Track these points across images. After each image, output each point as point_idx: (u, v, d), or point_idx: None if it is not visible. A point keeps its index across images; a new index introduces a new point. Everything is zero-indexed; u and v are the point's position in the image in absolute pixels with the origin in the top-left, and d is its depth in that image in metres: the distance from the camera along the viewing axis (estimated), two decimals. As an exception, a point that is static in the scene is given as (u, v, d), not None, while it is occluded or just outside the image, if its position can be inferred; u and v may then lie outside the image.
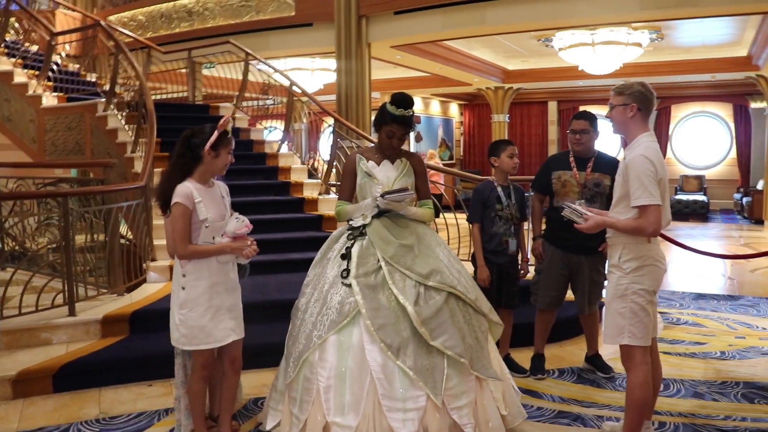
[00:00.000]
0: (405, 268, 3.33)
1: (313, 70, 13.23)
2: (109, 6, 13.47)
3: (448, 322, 3.25)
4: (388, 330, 3.17)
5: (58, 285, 5.17)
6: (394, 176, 3.62)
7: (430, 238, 3.60)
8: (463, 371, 3.24)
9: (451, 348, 3.20)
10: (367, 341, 3.19)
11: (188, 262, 3.31)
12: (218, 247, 3.33)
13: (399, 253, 3.37)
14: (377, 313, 3.21)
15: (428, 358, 3.18)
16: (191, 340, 3.32)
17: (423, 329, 3.17)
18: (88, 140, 8.18)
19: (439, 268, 3.37)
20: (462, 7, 9.13)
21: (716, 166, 17.59)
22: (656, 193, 3.13)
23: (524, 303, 4.92)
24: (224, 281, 3.40)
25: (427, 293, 3.29)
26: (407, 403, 3.11)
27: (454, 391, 3.19)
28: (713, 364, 4.97)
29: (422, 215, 3.68)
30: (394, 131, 3.56)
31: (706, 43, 12.20)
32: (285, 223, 7.09)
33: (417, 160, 3.77)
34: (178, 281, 3.34)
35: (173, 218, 3.26)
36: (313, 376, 3.26)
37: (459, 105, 20.43)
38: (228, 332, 3.39)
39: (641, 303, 3.23)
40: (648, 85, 3.36)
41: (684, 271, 8.97)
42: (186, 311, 3.29)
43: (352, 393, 3.16)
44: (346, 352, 3.21)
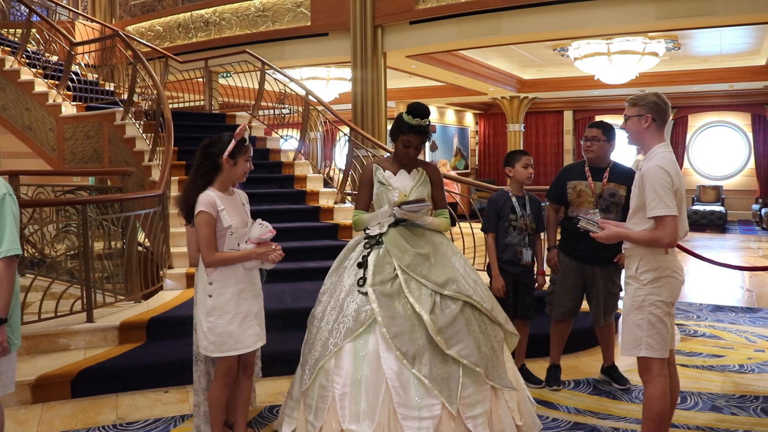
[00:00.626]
0: (421, 276, 3.33)
1: (328, 80, 13.30)
2: (127, 16, 13.64)
3: (464, 331, 3.25)
4: (403, 338, 3.18)
5: (76, 291, 5.22)
6: (410, 186, 3.64)
7: (446, 247, 3.60)
8: (479, 380, 3.24)
9: (467, 357, 3.20)
10: (383, 349, 3.19)
11: (214, 270, 3.33)
12: (244, 254, 3.36)
13: (415, 262, 3.38)
14: (393, 321, 3.22)
15: (444, 366, 3.18)
16: (220, 347, 3.34)
17: (439, 338, 3.18)
18: (107, 148, 8.27)
19: (455, 278, 3.38)
20: (477, 17, 9.14)
21: (734, 176, 17.44)
22: (672, 204, 3.11)
23: (540, 313, 4.90)
24: (251, 287, 3.45)
25: (443, 302, 3.29)
26: (422, 411, 3.11)
27: (469, 400, 3.19)
28: (732, 378, 4.92)
29: (438, 225, 3.69)
30: (411, 141, 3.59)
31: (724, 53, 12.12)
32: (301, 231, 7.11)
33: (433, 170, 3.80)
34: (205, 289, 3.36)
35: (198, 227, 3.29)
36: (328, 384, 3.27)
37: (474, 114, 20.43)
38: (256, 338, 3.45)
39: (659, 315, 3.21)
40: (663, 95, 3.35)
41: (701, 283, 8.89)
42: (214, 318, 3.32)
43: (368, 401, 3.16)
44: (361, 359, 3.21)
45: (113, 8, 13.83)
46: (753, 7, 7.74)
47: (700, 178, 17.55)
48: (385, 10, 9.88)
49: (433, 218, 3.71)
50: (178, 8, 12.55)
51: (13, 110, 9.39)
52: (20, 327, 2.98)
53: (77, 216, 5.63)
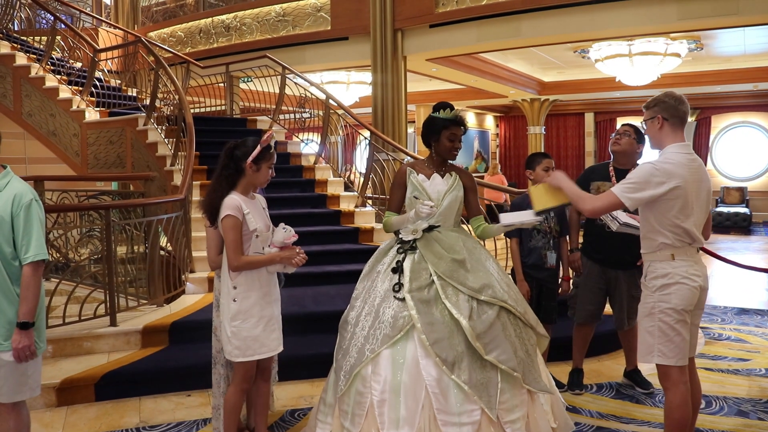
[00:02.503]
0: (458, 282, 3.32)
1: (348, 83, 13.33)
2: (149, 23, 13.79)
3: (501, 336, 3.26)
4: (443, 344, 3.17)
5: (99, 296, 5.28)
6: (444, 190, 3.63)
7: (479, 252, 3.59)
8: (516, 385, 3.24)
9: (505, 362, 3.20)
10: (421, 355, 3.19)
11: (239, 274, 3.34)
12: (269, 257, 3.37)
13: (451, 268, 3.37)
14: (432, 328, 3.21)
15: (482, 372, 3.18)
16: (245, 351, 3.35)
17: (477, 344, 3.18)
18: (129, 154, 8.37)
19: (491, 283, 3.38)
20: (497, 20, 9.12)
21: (759, 177, 17.17)
22: (631, 193, 3.10)
23: (562, 317, 4.86)
24: (273, 291, 3.48)
25: (479, 308, 3.29)
26: (462, 417, 3.11)
27: (507, 404, 3.19)
28: (758, 382, 4.85)
29: (487, 231, 3.73)
30: (456, 133, 3.61)
31: (748, 52, 11.96)
32: (321, 235, 7.14)
33: (467, 176, 3.79)
34: (229, 294, 3.36)
35: (225, 231, 3.30)
36: (366, 390, 3.24)
37: (495, 117, 20.36)
38: (278, 342, 3.48)
39: (669, 322, 3.15)
40: (675, 93, 3.29)
41: (726, 286, 8.77)
42: (239, 323, 3.33)
43: (407, 407, 3.15)
44: (400, 366, 3.20)
45: (135, 15, 14.00)
46: (776, 6, 7.63)
47: (724, 179, 17.33)
48: (404, 14, 9.89)
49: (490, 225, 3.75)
50: (200, 14, 12.68)
51: (38, 116, 9.54)
52: (45, 331, 3.03)
53: (100, 221, 5.69)
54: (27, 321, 2.78)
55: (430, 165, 3.72)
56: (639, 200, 3.13)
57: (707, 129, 17.38)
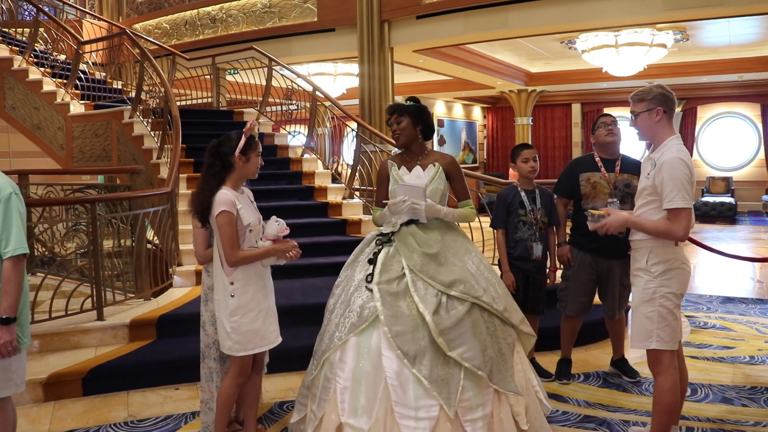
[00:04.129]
0: (428, 276, 3.31)
1: (335, 75, 13.28)
2: (134, 14, 13.67)
3: (469, 333, 3.21)
4: (405, 338, 3.16)
5: (86, 290, 5.26)
6: (424, 182, 3.61)
7: (459, 246, 3.53)
8: (481, 384, 3.18)
9: (469, 360, 3.16)
10: (384, 347, 3.19)
11: (235, 269, 3.30)
12: (264, 251, 3.36)
13: (422, 262, 3.36)
14: (395, 321, 3.21)
15: (445, 368, 3.15)
16: (245, 346, 3.34)
17: (441, 339, 3.15)
18: (115, 147, 8.31)
19: (464, 278, 3.33)
20: (484, 11, 9.11)
21: (744, 167, 17.31)
22: (690, 198, 3.10)
23: (549, 306, 4.88)
24: (268, 284, 3.47)
25: (449, 303, 3.26)
26: (419, 411, 3.09)
27: (469, 403, 3.14)
28: (742, 369, 4.90)
29: (461, 215, 3.65)
30: (391, 120, 3.66)
31: (733, 43, 12.03)
32: (309, 227, 7.12)
33: (449, 163, 3.72)
34: (225, 289, 3.33)
35: (221, 227, 3.25)
36: (332, 376, 3.30)
37: (482, 108, 20.37)
38: (276, 334, 3.47)
39: (669, 307, 3.20)
40: (666, 86, 3.32)
41: (711, 275, 8.85)
42: (238, 318, 3.30)
43: (367, 396, 3.17)
44: (364, 355, 3.23)
45: (120, 6, 13.86)
46: (761, -4, 7.69)
47: (709, 169, 17.44)
48: (391, 5, 9.86)
49: (456, 210, 3.64)
50: (185, 5, 12.58)
51: (22, 109, 9.45)
52: (30, 326, 3.00)
53: (86, 214, 5.65)
54: (8, 316, 2.75)
55: (410, 157, 3.71)
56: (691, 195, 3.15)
57: (693, 119, 17.47)
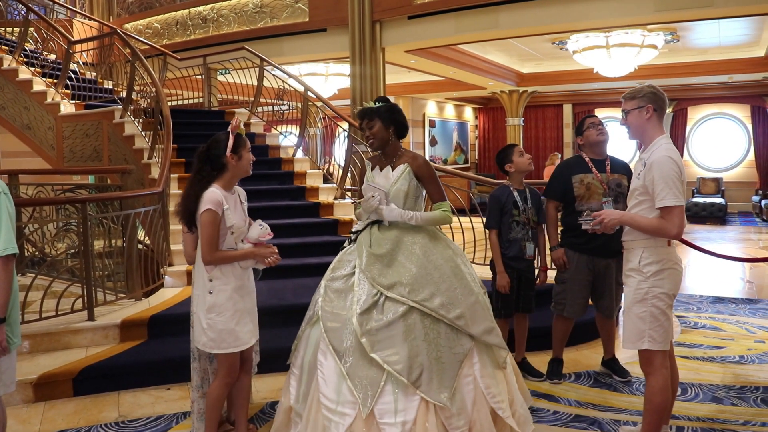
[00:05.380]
0: (370, 276, 3.33)
1: (327, 75, 13.28)
2: (125, 14, 13.62)
3: (399, 337, 3.16)
4: (336, 333, 3.26)
5: (77, 290, 5.23)
6: (390, 182, 3.54)
7: (416, 248, 3.41)
8: (407, 390, 3.10)
9: (392, 363, 3.11)
10: (322, 341, 3.31)
11: (214, 267, 3.35)
12: (244, 253, 3.39)
13: (369, 261, 3.39)
14: (331, 317, 3.33)
15: (368, 369, 3.14)
16: (219, 344, 3.36)
17: (363, 339, 3.17)
18: (106, 147, 8.27)
19: (408, 281, 3.26)
20: (475, 11, 9.13)
21: (734, 168, 17.42)
22: (681, 195, 3.11)
23: (540, 307, 4.90)
24: (247, 284, 3.48)
25: (385, 304, 3.25)
26: (339, 407, 3.14)
27: (388, 407, 3.09)
28: (732, 369, 4.93)
29: (432, 218, 3.50)
30: (364, 126, 3.64)
31: (723, 44, 12.10)
32: (301, 227, 7.12)
33: (419, 165, 3.58)
34: (205, 286, 3.37)
35: (203, 225, 3.28)
36: (294, 364, 3.53)
37: (473, 109, 20.41)
38: (251, 334, 3.49)
39: (661, 307, 3.21)
40: (658, 87, 3.35)
41: (702, 275, 8.90)
42: (214, 315, 3.34)
43: (306, 385, 3.34)
44: (311, 346, 3.38)
45: (111, 6, 13.81)
46: (750, -2, 7.74)
47: (700, 170, 17.54)
48: (383, 5, 9.87)
49: (428, 213, 3.53)
50: (176, 5, 12.54)
51: (12, 109, 9.39)
52: (20, 326, 2.99)
53: (77, 214, 5.63)
54: None
55: (385, 157, 3.67)
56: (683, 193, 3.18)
57: (683, 120, 17.57)
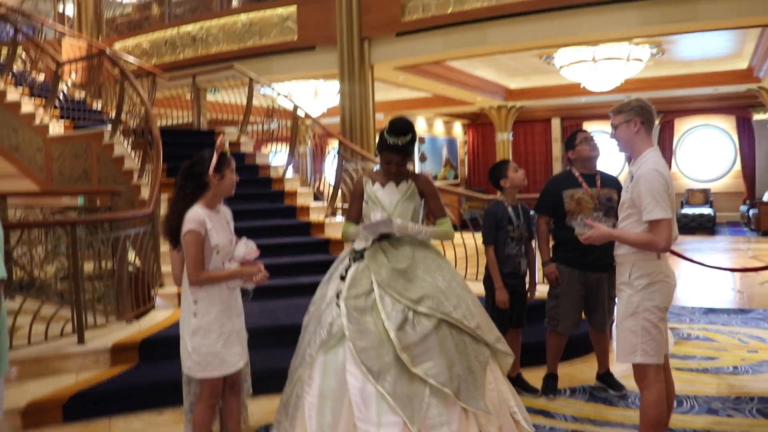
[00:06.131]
0: (396, 292, 3.30)
1: (316, 93, 13.31)
2: (114, 34, 13.63)
3: (435, 350, 3.18)
4: (369, 353, 3.16)
5: (67, 314, 5.17)
6: (396, 199, 3.61)
7: (430, 262, 3.52)
8: (448, 401, 3.13)
9: (434, 376, 3.12)
10: (349, 363, 3.19)
11: (200, 289, 3.28)
12: (230, 273, 3.33)
13: (391, 277, 3.36)
14: (360, 336, 3.21)
15: (409, 385, 3.12)
16: (205, 368, 3.29)
17: (404, 355, 3.13)
18: (95, 168, 8.23)
19: (433, 294, 3.31)
20: (463, 28, 9.20)
21: (721, 178, 17.55)
22: (668, 208, 3.12)
23: (534, 322, 4.89)
24: (234, 306, 3.41)
25: (416, 319, 3.24)
26: (382, 428, 3.06)
27: (434, 420, 3.09)
28: (726, 379, 4.93)
29: (437, 233, 3.66)
30: (391, 158, 3.58)
31: (707, 57, 12.23)
32: (292, 247, 7.09)
33: (423, 182, 3.72)
34: (189, 308, 3.31)
35: (186, 245, 3.23)
36: (302, 393, 3.31)
37: (463, 124, 20.49)
38: (238, 358, 3.41)
39: (653, 320, 3.21)
40: (645, 100, 3.38)
41: (693, 286, 8.92)
42: (198, 338, 3.27)
43: (333, 414, 3.16)
44: (330, 372, 3.23)
45: (100, 26, 13.80)
46: (733, 12, 7.84)
47: (688, 181, 17.66)
48: (371, 23, 9.92)
49: (433, 228, 3.66)
50: (165, 25, 12.57)
51: (0, 131, 9.34)
52: (8, 352, 2.95)
53: (66, 237, 5.58)
54: None
55: (385, 173, 3.70)
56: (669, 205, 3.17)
57: (670, 132, 17.71)
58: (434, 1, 9.32)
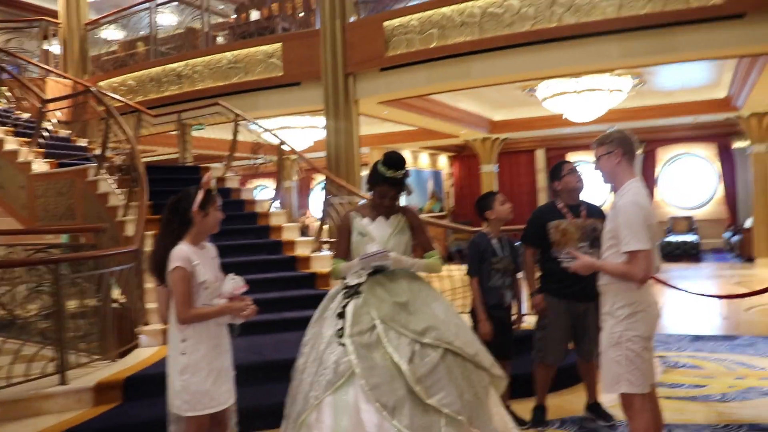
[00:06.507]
0: (400, 326, 3.31)
1: (302, 128, 13.38)
2: (99, 72, 13.67)
3: (445, 380, 3.21)
4: (383, 389, 3.13)
5: (49, 353, 5.09)
6: (388, 233, 3.63)
7: (426, 293, 3.57)
8: (462, 429, 3.18)
9: (448, 406, 3.16)
10: (362, 401, 3.15)
11: (188, 326, 3.25)
12: (219, 309, 3.30)
13: (393, 311, 3.36)
14: (372, 372, 3.18)
15: (425, 416, 3.13)
16: (194, 406, 3.25)
17: (418, 387, 3.14)
18: (80, 205, 8.19)
19: (435, 325, 3.35)
20: (446, 62, 9.30)
21: (705, 206, 17.72)
22: (645, 239, 3.15)
23: (522, 354, 4.87)
24: (223, 343, 3.39)
25: (422, 350, 3.25)
26: None
27: None
28: (715, 407, 4.92)
29: (428, 266, 3.69)
30: (386, 192, 3.60)
31: (687, 87, 12.46)
32: (278, 282, 7.06)
33: (412, 215, 3.77)
34: (177, 347, 3.27)
35: (174, 283, 3.21)
36: None
37: (448, 157, 20.61)
38: (228, 395, 3.37)
39: (636, 350, 3.21)
40: (627, 130, 3.43)
41: (680, 313, 8.94)
42: (188, 377, 3.23)
43: None
44: (342, 412, 3.16)
45: (85, 64, 13.83)
46: (709, 43, 8.01)
47: (672, 209, 17.81)
48: (355, 59, 10.03)
49: (423, 260, 3.70)
50: (150, 62, 12.62)
51: (-17, 171, 9.30)
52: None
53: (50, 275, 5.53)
54: None
55: (374, 208, 3.71)
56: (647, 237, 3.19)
57: (653, 161, 17.91)
58: (417, 36, 9.44)
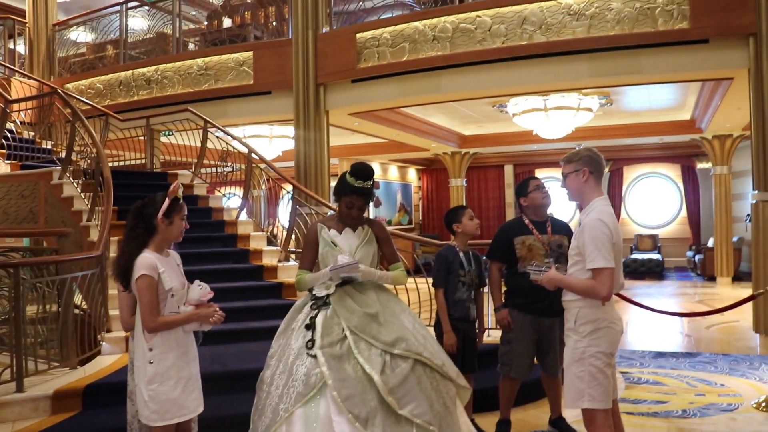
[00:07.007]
0: (370, 336, 3.30)
1: (271, 137, 13.33)
2: (66, 74, 13.47)
3: (416, 390, 3.22)
4: (355, 400, 3.12)
5: (5, 359, 4.96)
6: (356, 244, 3.64)
7: (394, 305, 3.57)
8: None
9: (420, 416, 3.16)
10: (334, 413, 3.12)
11: (155, 335, 3.21)
12: (186, 316, 3.27)
13: (363, 322, 3.35)
14: (344, 384, 3.16)
15: (397, 427, 3.13)
16: (163, 415, 3.20)
17: (390, 398, 3.13)
18: (42, 208, 8.03)
19: (405, 336, 3.35)
20: (417, 76, 9.38)
21: (669, 224, 18.08)
22: (610, 257, 3.20)
23: (486, 368, 4.89)
24: (190, 351, 3.35)
25: (393, 361, 3.25)
26: None
27: None
28: (676, 423, 4.99)
29: (395, 278, 3.70)
30: (354, 202, 3.60)
31: (653, 108, 12.72)
32: (244, 291, 6.99)
33: (378, 227, 3.79)
34: (144, 356, 3.22)
35: (140, 291, 3.17)
36: None
37: (417, 170, 20.73)
38: (197, 402, 3.34)
39: (599, 366, 3.25)
40: (595, 149, 3.48)
41: (643, 330, 9.07)
42: (156, 386, 3.19)
43: None
44: (313, 424, 3.13)
45: (52, 66, 13.65)
46: (673, 66, 8.25)
47: (637, 227, 18.12)
48: (327, 69, 10.04)
49: (390, 272, 3.72)
50: (120, 66, 12.49)
51: (-58, 171, 9.07)
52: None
53: (8, 279, 5.40)
54: None
55: (341, 220, 3.72)
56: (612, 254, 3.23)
57: (620, 179, 18.23)
58: (389, 49, 9.50)
